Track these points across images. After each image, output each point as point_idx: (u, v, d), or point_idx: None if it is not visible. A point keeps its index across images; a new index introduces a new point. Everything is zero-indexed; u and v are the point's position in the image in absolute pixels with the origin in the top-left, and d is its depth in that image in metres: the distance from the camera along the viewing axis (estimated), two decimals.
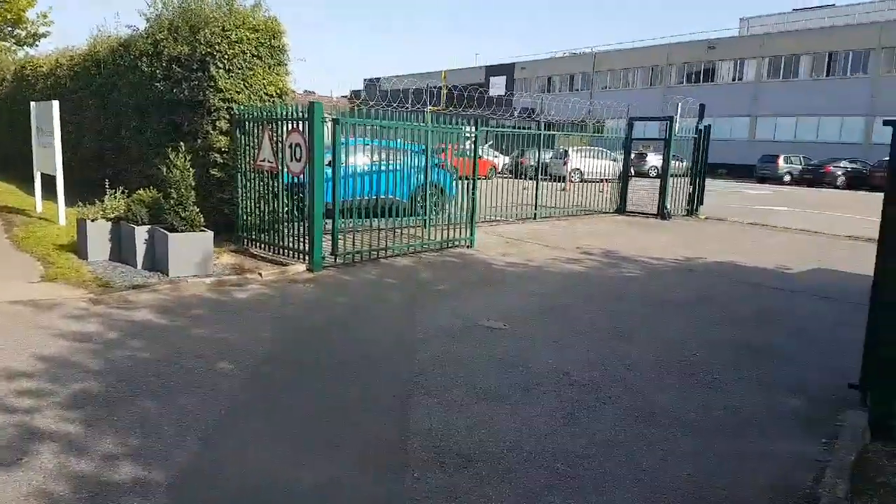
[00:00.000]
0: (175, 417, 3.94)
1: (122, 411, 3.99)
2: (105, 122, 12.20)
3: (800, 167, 33.43)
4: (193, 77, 9.24)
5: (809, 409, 4.46)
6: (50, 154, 10.15)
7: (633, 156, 17.20)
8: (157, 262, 7.72)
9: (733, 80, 44.32)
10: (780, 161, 33.54)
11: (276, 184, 8.67)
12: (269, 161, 8.60)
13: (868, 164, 32.07)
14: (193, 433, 3.76)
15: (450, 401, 4.29)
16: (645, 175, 23.09)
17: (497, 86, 55.78)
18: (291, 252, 8.53)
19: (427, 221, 10.01)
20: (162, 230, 7.58)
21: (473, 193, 10.20)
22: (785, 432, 4.11)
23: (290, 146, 8.25)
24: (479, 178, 10.53)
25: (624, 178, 15.76)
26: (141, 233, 7.77)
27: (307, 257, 8.23)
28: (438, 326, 5.98)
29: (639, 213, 15.43)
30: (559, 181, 14.80)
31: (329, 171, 8.27)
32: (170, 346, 5.19)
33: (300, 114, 8.08)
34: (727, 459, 3.71)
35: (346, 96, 35.85)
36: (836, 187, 31.16)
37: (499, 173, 18.80)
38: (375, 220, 9.15)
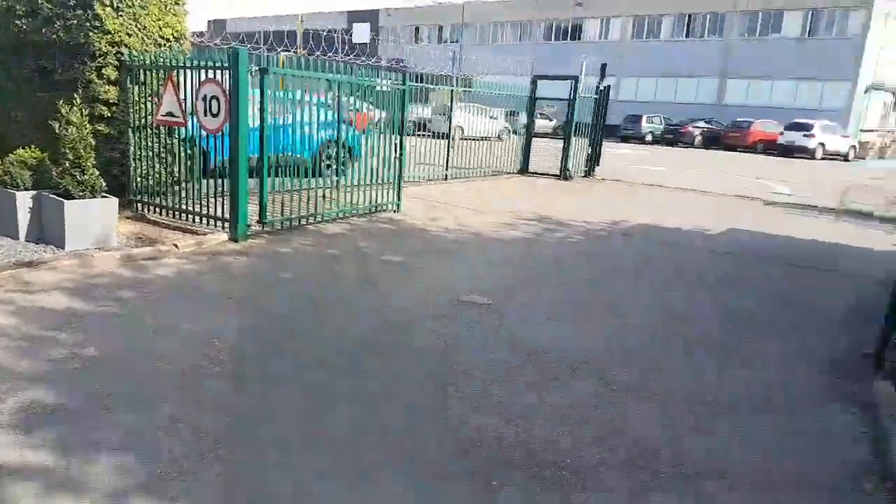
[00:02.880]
0: (163, 429, 3.21)
1: (101, 425, 3.15)
2: None
3: (661, 127, 35.61)
4: (70, 15, 7.65)
5: (819, 379, 4.49)
6: None
7: (516, 115, 17.24)
8: (46, 233, 6.45)
9: (600, 38, 45.48)
10: (644, 121, 35.48)
11: (178, 141, 7.53)
12: (174, 116, 7.41)
13: (721, 123, 34.90)
14: (199, 452, 3.02)
15: (486, 394, 3.87)
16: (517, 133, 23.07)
17: (361, 32, 53.48)
18: (202, 218, 7.49)
19: (336, 182, 9.13)
20: (54, 197, 6.31)
21: (401, 154, 9.54)
22: (810, 405, 4.10)
23: (205, 99, 7.13)
24: (360, 133, 9.76)
25: (528, 137, 15.71)
26: (24, 199, 6.42)
27: (227, 224, 7.27)
28: (417, 305, 5.47)
29: (540, 173, 15.43)
30: (442, 138, 14.08)
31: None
32: (115, 340, 4.29)
33: (221, 62, 6.98)
34: (770, 438, 3.64)
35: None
36: (694, 146, 33.69)
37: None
38: (291, 180, 8.32)
